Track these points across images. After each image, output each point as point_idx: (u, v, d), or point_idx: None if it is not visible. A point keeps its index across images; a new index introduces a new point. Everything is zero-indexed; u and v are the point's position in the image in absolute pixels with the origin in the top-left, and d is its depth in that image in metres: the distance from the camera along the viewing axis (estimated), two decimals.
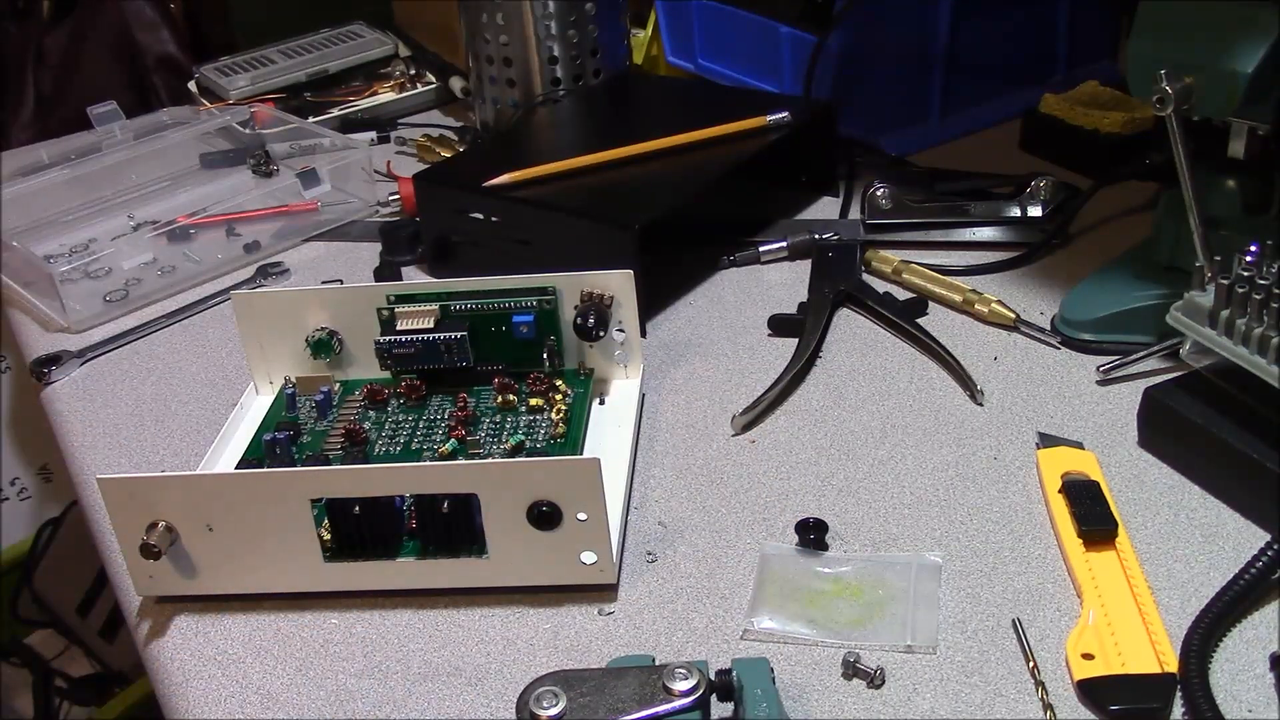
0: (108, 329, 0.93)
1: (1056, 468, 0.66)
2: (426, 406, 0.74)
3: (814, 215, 0.99)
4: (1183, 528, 0.63)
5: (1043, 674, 0.54)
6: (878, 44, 1.04)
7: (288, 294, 0.76)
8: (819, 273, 0.88)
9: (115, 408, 0.83)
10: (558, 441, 0.70)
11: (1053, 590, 0.60)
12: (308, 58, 1.30)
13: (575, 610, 0.61)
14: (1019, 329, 0.81)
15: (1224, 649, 0.55)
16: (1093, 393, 0.74)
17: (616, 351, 0.76)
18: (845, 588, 0.61)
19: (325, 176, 1.04)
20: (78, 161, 1.10)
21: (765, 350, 0.82)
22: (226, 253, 1.00)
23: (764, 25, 1.07)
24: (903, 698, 0.55)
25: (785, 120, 0.95)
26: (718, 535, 0.66)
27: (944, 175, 0.99)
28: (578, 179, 0.91)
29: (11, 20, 1.48)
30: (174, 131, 1.16)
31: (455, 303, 0.75)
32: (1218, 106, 0.69)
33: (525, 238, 0.88)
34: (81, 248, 1.01)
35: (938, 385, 0.77)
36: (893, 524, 0.65)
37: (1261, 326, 0.61)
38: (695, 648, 0.58)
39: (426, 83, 1.30)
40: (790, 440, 0.73)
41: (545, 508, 0.58)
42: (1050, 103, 1.04)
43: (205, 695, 0.58)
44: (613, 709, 0.49)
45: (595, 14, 1.09)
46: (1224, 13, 0.67)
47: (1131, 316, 0.77)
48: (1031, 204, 0.91)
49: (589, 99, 1.10)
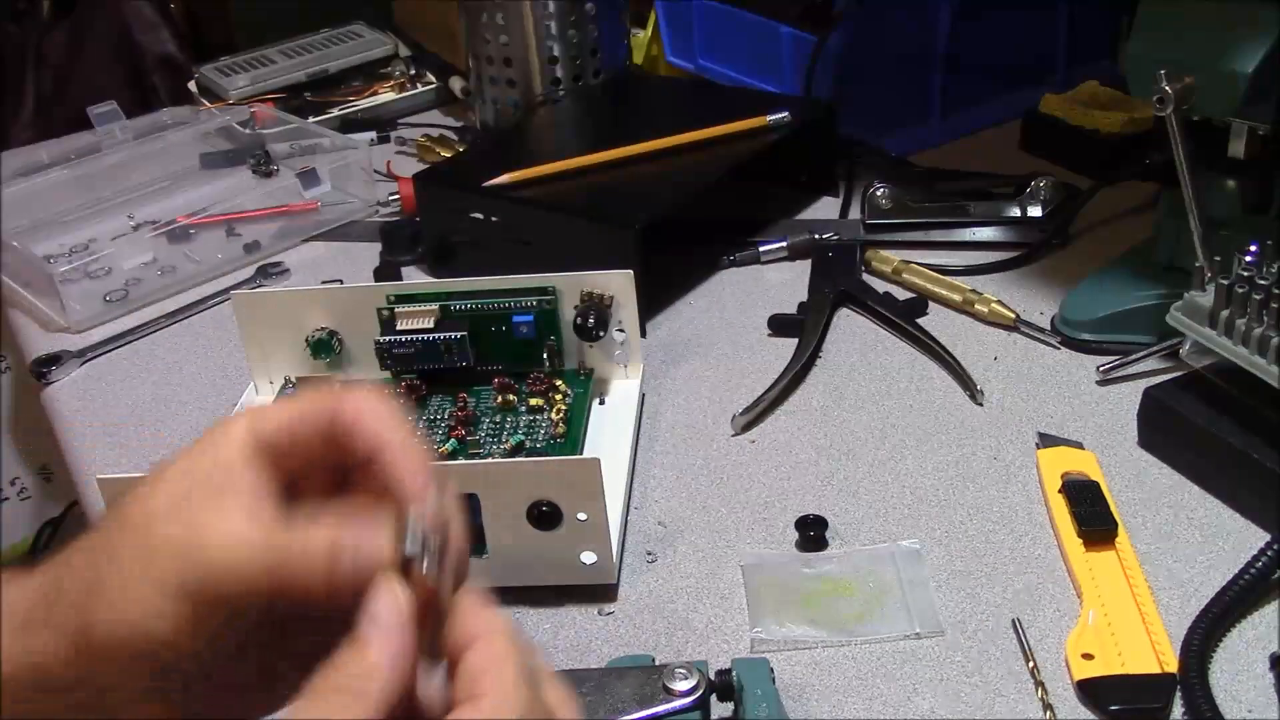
0: (108, 329, 0.93)
1: (1056, 468, 0.66)
2: (426, 406, 0.74)
3: (814, 215, 0.99)
4: (1183, 528, 0.63)
5: (1043, 674, 0.54)
6: (878, 44, 1.04)
7: (288, 294, 0.76)
8: (819, 273, 0.88)
9: (115, 408, 0.83)
10: (558, 441, 0.70)
11: (1053, 590, 0.60)
12: (308, 58, 1.30)
13: (575, 610, 0.61)
14: (1019, 329, 0.81)
15: (1224, 649, 0.55)
16: (1093, 393, 0.74)
17: (616, 351, 0.76)
18: (837, 585, 0.61)
19: (325, 176, 1.04)
20: (78, 161, 1.10)
21: (765, 350, 0.82)
22: (226, 253, 1.00)
23: (764, 25, 1.07)
24: (903, 698, 0.55)
25: (785, 120, 0.95)
26: (718, 535, 0.66)
27: (944, 175, 0.99)
28: (578, 179, 0.91)
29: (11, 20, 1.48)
30: (174, 131, 1.16)
31: (455, 303, 0.75)
32: (1218, 106, 0.69)
33: (525, 238, 0.88)
34: (81, 248, 1.01)
35: (938, 385, 0.77)
36: (893, 523, 0.65)
37: (1261, 326, 0.61)
38: (695, 648, 0.58)
39: (426, 83, 1.30)
40: (790, 440, 0.73)
41: (545, 508, 0.58)
42: (1050, 103, 1.04)
43: None
44: (613, 709, 0.49)
45: (595, 14, 1.09)
46: (1224, 13, 0.67)
47: (1131, 316, 0.77)
48: (1031, 204, 0.91)
49: (589, 99, 1.10)
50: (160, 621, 0.35)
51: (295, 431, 0.39)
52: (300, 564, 0.36)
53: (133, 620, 0.35)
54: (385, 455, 0.38)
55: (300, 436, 0.39)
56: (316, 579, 0.36)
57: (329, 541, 0.36)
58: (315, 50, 1.32)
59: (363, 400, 0.39)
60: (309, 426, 0.39)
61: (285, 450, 0.39)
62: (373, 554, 0.36)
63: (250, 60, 1.30)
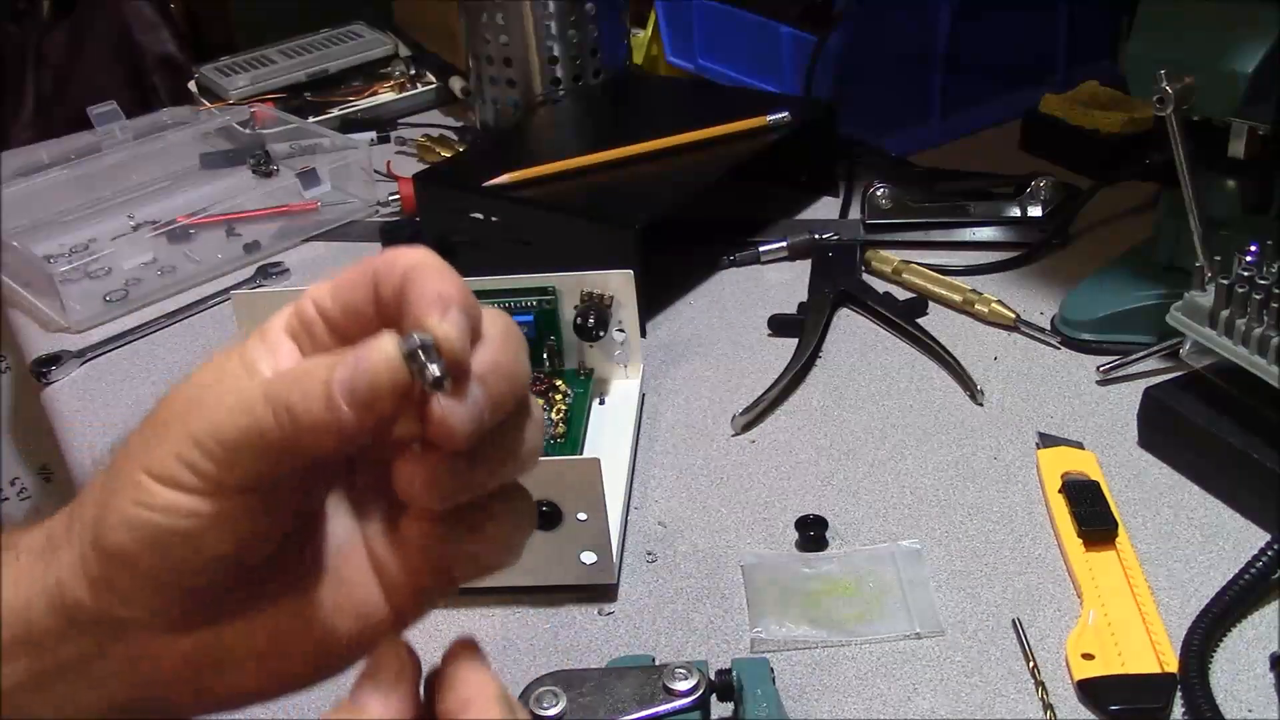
0: (108, 329, 0.93)
1: (1056, 468, 0.66)
2: None
3: (814, 215, 0.99)
4: (1183, 528, 0.63)
5: (1043, 674, 0.54)
6: (878, 44, 1.04)
7: (288, 294, 0.76)
8: (819, 273, 0.88)
9: (115, 408, 0.83)
10: (558, 441, 0.70)
11: (1053, 590, 0.60)
12: (308, 58, 1.30)
13: (575, 610, 0.61)
14: (1019, 329, 0.81)
15: (1224, 649, 0.55)
16: (1093, 393, 0.74)
17: (616, 351, 0.76)
18: (836, 585, 0.61)
19: (325, 176, 1.04)
20: (78, 161, 1.10)
21: (765, 350, 0.82)
22: (226, 253, 1.00)
23: (764, 25, 1.07)
24: (903, 698, 0.55)
25: (785, 120, 0.95)
26: (718, 535, 0.66)
27: (944, 175, 0.99)
28: (578, 179, 0.91)
29: (11, 20, 1.48)
30: (174, 131, 1.16)
31: None
32: (1218, 106, 0.69)
33: (525, 238, 0.88)
34: (81, 248, 1.01)
35: (938, 385, 0.77)
36: (893, 523, 0.65)
37: (1261, 326, 0.61)
38: (695, 648, 0.58)
39: (426, 83, 1.30)
40: (790, 440, 0.73)
41: (545, 508, 0.58)
42: (1050, 103, 1.04)
43: None
44: (613, 709, 0.49)
45: (595, 14, 1.09)
46: (1224, 13, 0.67)
47: (1131, 316, 0.76)
48: (1031, 204, 0.91)
49: (589, 99, 1.10)
50: (173, 495, 0.32)
51: (345, 300, 0.35)
52: (298, 393, 0.32)
53: (145, 501, 0.32)
54: (412, 287, 0.33)
55: (350, 304, 0.35)
56: (317, 407, 0.31)
57: (324, 363, 0.32)
58: (315, 50, 1.32)
59: (409, 254, 0.35)
60: (358, 292, 0.35)
61: (337, 323, 0.35)
62: (373, 365, 0.31)
63: (250, 60, 1.30)
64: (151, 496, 0.33)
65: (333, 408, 0.31)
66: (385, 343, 0.32)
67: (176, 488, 0.32)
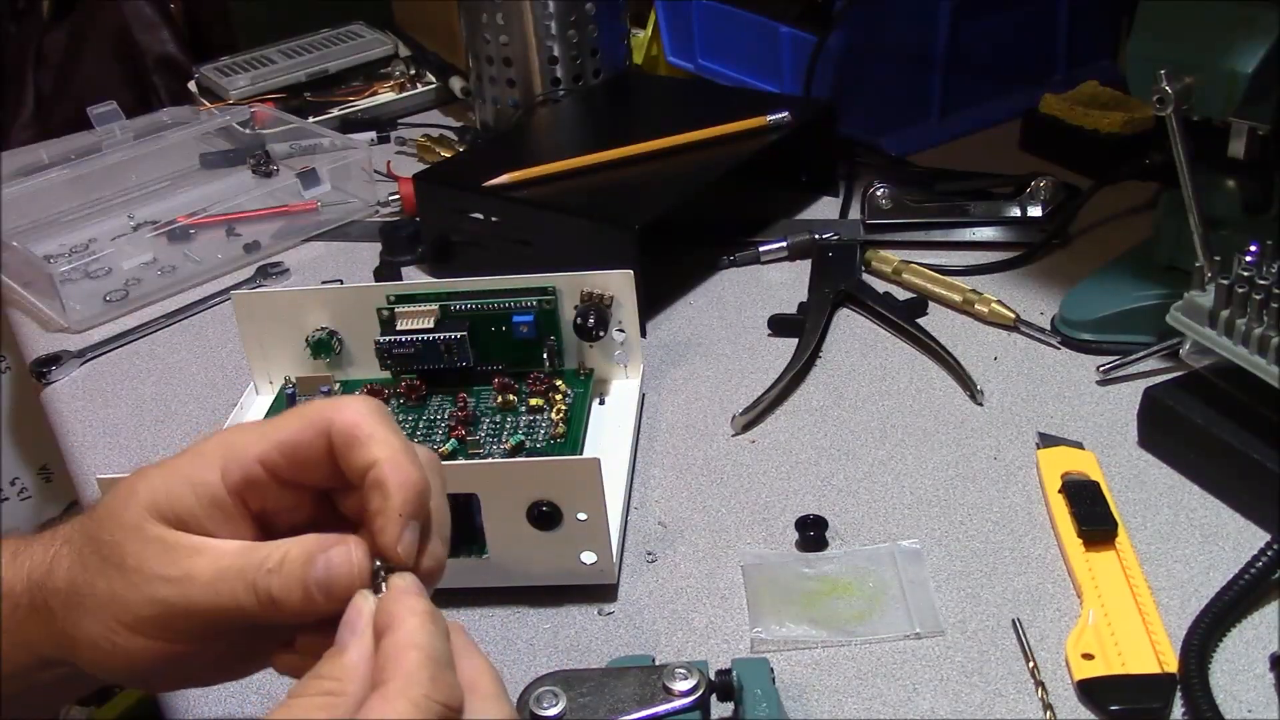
0: (108, 329, 0.93)
1: (1056, 468, 0.66)
2: (426, 406, 0.74)
3: (814, 215, 0.99)
4: (1183, 528, 0.63)
5: (1043, 674, 0.54)
6: (878, 44, 1.04)
7: (288, 294, 0.76)
8: (819, 273, 0.88)
9: (115, 408, 0.83)
10: (558, 441, 0.70)
11: (1053, 590, 0.60)
12: (308, 58, 1.30)
13: (575, 610, 0.61)
14: (1019, 329, 0.81)
15: (1224, 649, 0.55)
16: (1093, 393, 0.74)
17: (616, 351, 0.76)
18: (836, 585, 0.61)
19: (325, 176, 1.04)
20: (78, 161, 1.10)
21: (765, 350, 0.82)
22: (226, 253, 1.00)
23: (764, 25, 1.07)
24: (903, 698, 0.55)
25: (785, 120, 0.95)
26: (718, 535, 0.66)
27: (944, 175, 0.99)
28: (578, 179, 0.91)
29: (11, 20, 1.48)
30: (174, 131, 1.16)
31: (455, 303, 0.75)
32: (1218, 106, 0.69)
33: (525, 238, 0.88)
34: (81, 248, 1.01)
35: (938, 385, 0.77)
36: (893, 524, 0.65)
37: (1261, 326, 0.61)
38: (695, 648, 0.58)
39: (426, 83, 1.30)
40: (790, 440, 0.73)
41: (545, 508, 0.58)
42: (1050, 103, 1.04)
43: (205, 695, 0.58)
44: (613, 709, 0.49)
45: (595, 14, 1.09)
46: (1224, 13, 0.67)
47: (1131, 316, 0.77)
48: (1031, 204, 0.91)
49: (589, 99, 1.10)
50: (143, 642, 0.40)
51: (297, 446, 0.41)
52: (279, 584, 0.39)
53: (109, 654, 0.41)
54: (378, 468, 0.41)
55: (300, 453, 0.41)
56: (295, 598, 0.39)
57: (299, 559, 0.39)
58: (315, 50, 1.32)
59: (356, 405, 0.41)
60: (308, 443, 0.41)
61: (282, 471, 0.42)
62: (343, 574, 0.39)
63: (250, 60, 1.30)
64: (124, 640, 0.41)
65: (308, 599, 0.39)
66: (356, 556, 0.40)
67: (146, 637, 0.41)
